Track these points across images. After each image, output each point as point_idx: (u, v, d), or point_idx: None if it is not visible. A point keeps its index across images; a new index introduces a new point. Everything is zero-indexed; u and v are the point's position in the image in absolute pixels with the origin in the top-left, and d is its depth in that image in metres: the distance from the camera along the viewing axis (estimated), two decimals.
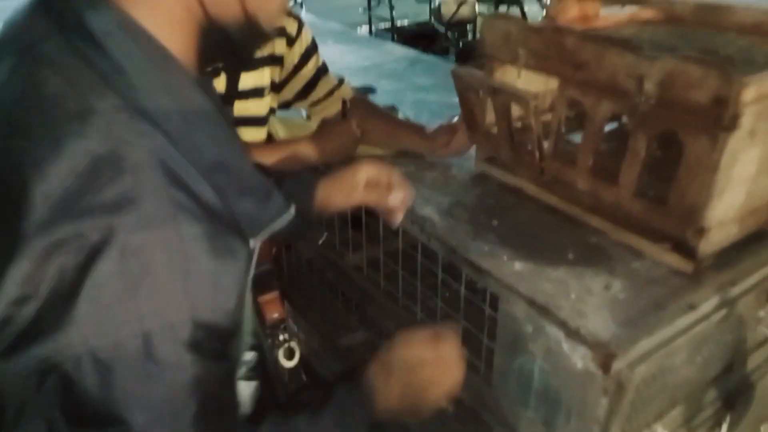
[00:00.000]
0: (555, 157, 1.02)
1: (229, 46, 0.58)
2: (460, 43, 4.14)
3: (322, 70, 1.31)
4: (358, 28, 4.95)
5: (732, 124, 0.76)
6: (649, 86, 0.83)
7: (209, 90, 0.65)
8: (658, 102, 0.82)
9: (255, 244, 0.60)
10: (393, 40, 4.38)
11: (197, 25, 0.55)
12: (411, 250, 1.08)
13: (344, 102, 1.27)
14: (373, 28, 4.71)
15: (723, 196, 0.82)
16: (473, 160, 1.23)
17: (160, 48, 0.52)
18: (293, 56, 1.25)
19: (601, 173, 0.95)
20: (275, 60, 1.21)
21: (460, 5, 4.18)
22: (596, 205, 0.98)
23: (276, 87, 1.25)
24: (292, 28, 1.23)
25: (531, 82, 1.07)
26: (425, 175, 1.21)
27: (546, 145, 1.03)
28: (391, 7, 4.32)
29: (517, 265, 0.91)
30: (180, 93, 0.52)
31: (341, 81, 1.34)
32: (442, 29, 4.18)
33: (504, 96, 1.02)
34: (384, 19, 4.53)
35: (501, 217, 1.04)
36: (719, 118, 0.76)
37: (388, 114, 1.39)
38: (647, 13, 1.20)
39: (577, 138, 1.00)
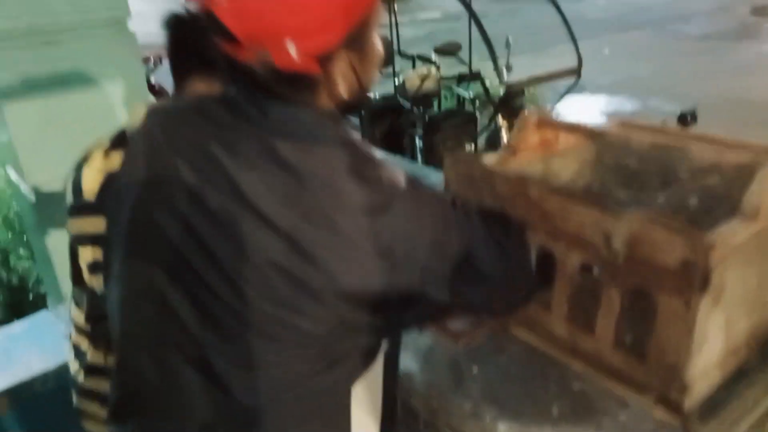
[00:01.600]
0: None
1: (351, 106, 0.81)
2: (426, 117, 4.21)
3: None
4: None
5: (704, 286, 0.76)
6: (617, 243, 0.82)
7: None
8: (627, 259, 0.82)
9: None
10: (360, 114, 4.45)
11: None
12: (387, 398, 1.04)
13: None
14: None
15: (702, 350, 0.81)
16: None
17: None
18: None
19: (578, 319, 0.94)
20: None
21: (423, 80, 4.27)
22: (576, 350, 0.96)
23: None
24: None
25: None
26: None
27: None
28: None
29: (501, 427, 0.88)
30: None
31: None
32: (407, 104, 4.25)
33: None
34: None
35: (482, 362, 1.01)
36: (690, 280, 0.76)
37: None
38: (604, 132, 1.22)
39: None
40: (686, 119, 3.58)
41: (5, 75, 1.46)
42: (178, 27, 1.06)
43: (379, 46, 0.79)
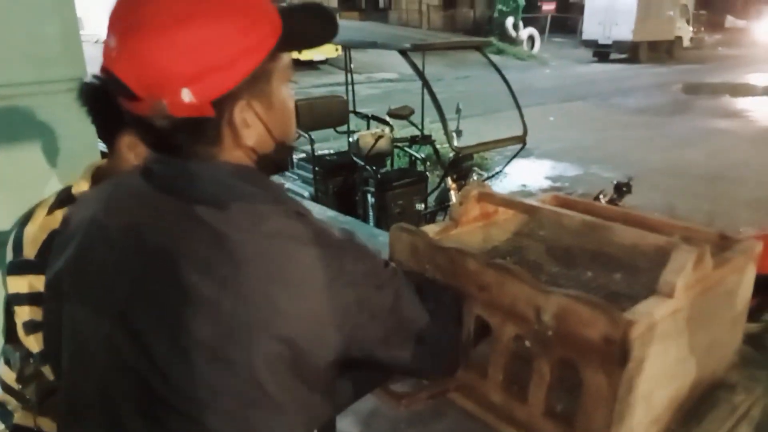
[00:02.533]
0: (469, 367, 1.04)
1: (273, 163, 0.80)
2: (379, 175, 4.31)
3: None
4: None
5: (623, 360, 0.82)
6: (547, 318, 0.88)
7: None
8: (556, 332, 0.88)
9: None
10: (314, 170, 4.51)
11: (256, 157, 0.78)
12: None
13: None
14: (295, 158, 4.83)
15: (624, 420, 0.86)
16: None
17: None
18: None
19: (514, 387, 0.98)
20: None
21: (377, 140, 4.40)
22: (512, 418, 1.00)
23: None
24: None
25: None
26: None
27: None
28: (312, 140, 4.47)
29: None
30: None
31: None
32: (361, 162, 4.35)
33: None
34: (304, 150, 4.68)
35: (422, 428, 1.04)
36: (611, 355, 0.82)
37: None
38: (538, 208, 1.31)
39: None
40: (622, 189, 3.81)
41: None
42: (92, 95, 1.10)
43: (288, 99, 0.78)
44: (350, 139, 4.71)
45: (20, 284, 1.04)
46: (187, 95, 0.67)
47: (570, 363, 0.88)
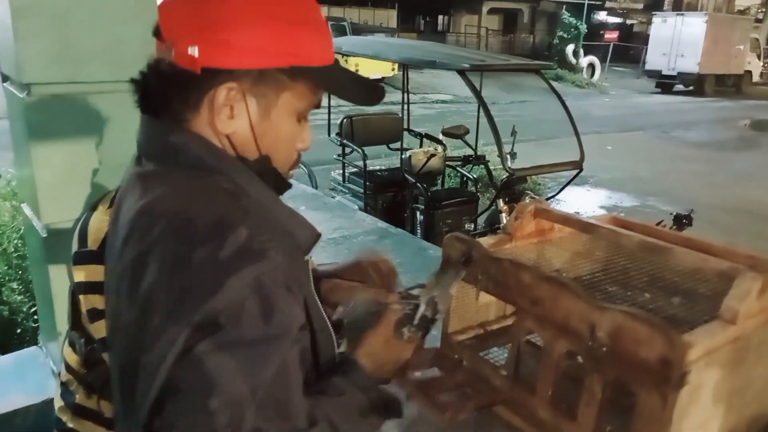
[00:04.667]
0: (516, 381, 1.03)
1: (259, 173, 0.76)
2: (429, 193, 4.32)
3: None
4: (332, 171, 5.16)
5: (680, 383, 0.80)
6: (601, 335, 0.87)
7: None
8: (610, 350, 0.86)
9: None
10: (365, 184, 4.56)
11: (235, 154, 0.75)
12: None
13: None
14: (347, 172, 4.90)
15: None
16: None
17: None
18: None
19: (562, 404, 0.97)
20: None
21: (429, 158, 4.42)
22: None
23: None
24: None
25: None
26: None
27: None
28: (365, 156, 4.52)
29: None
30: None
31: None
32: (412, 179, 4.37)
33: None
34: (356, 165, 4.75)
35: None
36: (667, 377, 0.80)
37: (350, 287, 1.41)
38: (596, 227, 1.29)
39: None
40: (682, 221, 3.69)
41: (39, 117, 1.54)
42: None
43: (289, 127, 0.76)
44: (403, 156, 4.75)
45: (83, 274, 1.08)
46: (193, 51, 0.69)
47: (623, 383, 0.86)
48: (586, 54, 21.42)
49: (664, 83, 20.01)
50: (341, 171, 4.97)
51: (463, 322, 1.22)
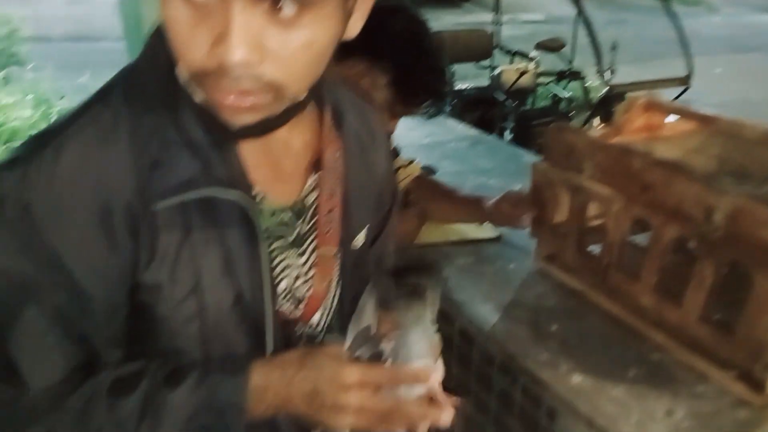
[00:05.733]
0: (619, 268, 1.03)
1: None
2: (519, 112, 4.19)
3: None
4: None
5: None
6: (718, 218, 0.84)
7: None
8: (726, 233, 0.84)
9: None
10: (452, 102, 4.48)
11: None
12: (464, 341, 1.10)
13: (407, 192, 1.34)
14: None
15: None
16: (531, 256, 1.25)
17: None
18: None
19: (666, 291, 0.96)
20: None
21: (521, 75, 4.25)
22: (660, 322, 0.98)
23: None
24: None
25: None
26: (485, 269, 1.24)
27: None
28: (452, 72, 4.42)
29: (576, 378, 0.92)
30: None
31: (411, 161, 1.41)
32: (501, 97, 4.24)
33: (584, 196, 1.05)
34: None
35: (561, 322, 1.05)
36: None
37: (449, 193, 1.44)
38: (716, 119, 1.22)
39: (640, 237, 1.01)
40: None
41: None
42: None
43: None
44: (492, 74, 4.59)
45: None
46: None
47: (736, 267, 0.84)
48: None
49: None
50: None
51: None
